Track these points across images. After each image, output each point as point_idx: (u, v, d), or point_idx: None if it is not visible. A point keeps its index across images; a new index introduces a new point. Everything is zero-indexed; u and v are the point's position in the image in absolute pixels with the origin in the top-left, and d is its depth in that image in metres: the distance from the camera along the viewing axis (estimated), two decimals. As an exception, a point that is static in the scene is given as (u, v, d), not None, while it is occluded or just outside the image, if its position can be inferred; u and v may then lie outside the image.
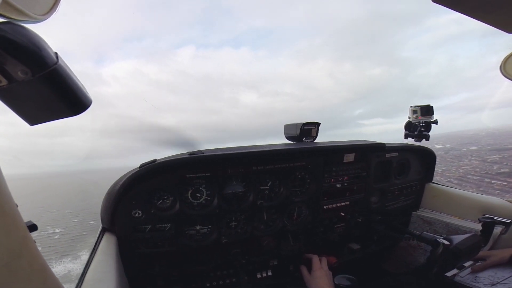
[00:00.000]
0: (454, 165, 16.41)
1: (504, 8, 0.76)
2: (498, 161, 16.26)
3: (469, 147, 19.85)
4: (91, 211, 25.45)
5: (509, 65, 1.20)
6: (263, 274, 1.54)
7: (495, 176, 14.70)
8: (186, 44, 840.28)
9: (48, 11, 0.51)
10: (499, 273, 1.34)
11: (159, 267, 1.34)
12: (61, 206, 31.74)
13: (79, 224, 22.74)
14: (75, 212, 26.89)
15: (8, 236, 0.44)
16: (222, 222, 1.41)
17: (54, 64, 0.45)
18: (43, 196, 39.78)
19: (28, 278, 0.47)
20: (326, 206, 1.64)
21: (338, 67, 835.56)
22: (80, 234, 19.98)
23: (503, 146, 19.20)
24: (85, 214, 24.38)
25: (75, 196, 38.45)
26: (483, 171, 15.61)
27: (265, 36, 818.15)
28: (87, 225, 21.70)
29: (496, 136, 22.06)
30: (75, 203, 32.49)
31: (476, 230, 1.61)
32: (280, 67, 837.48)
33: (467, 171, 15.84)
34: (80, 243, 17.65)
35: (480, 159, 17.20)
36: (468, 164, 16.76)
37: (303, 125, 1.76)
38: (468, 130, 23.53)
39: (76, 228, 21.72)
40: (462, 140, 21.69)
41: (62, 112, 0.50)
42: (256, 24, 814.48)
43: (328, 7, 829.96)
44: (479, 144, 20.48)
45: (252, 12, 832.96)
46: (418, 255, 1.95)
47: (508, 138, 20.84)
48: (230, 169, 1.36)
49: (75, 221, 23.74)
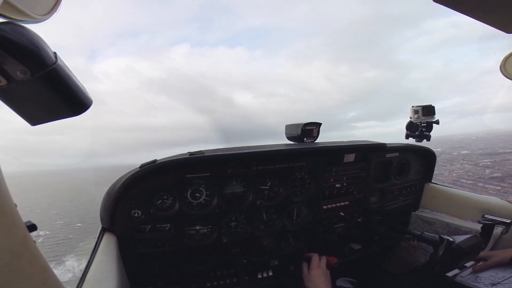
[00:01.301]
0: (446, 169, 16.41)
1: (504, 8, 0.76)
2: (490, 165, 16.27)
3: (460, 151, 19.89)
4: (79, 213, 24.62)
5: (509, 65, 1.20)
6: (264, 274, 1.54)
7: (489, 180, 14.69)
8: (181, 42, 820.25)
9: (48, 11, 0.51)
10: (500, 273, 1.34)
11: (159, 267, 1.34)
12: (48, 206, 30.59)
13: (65, 226, 22.01)
14: (61, 213, 25.98)
15: (8, 236, 0.44)
16: (222, 222, 1.40)
17: (53, 64, 0.45)
18: (29, 196, 38.12)
19: (28, 278, 0.47)
20: (326, 206, 1.64)
21: (334, 69, 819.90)
22: (65, 237, 19.17)
23: (494, 150, 19.22)
24: (72, 216, 23.68)
25: (63, 196, 37.54)
26: (476, 175, 15.63)
27: (262, 36, 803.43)
28: (74, 228, 21.05)
29: (486, 141, 22.17)
30: (62, 203, 31.58)
31: (476, 231, 1.61)
32: (276, 68, 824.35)
33: (460, 175, 15.85)
34: (65, 247, 16.60)
35: (472, 163, 17.23)
36: (460, 168, 16.80)
37: (304, 125, 1.75)
38: (458, 134, 23.54)
39: (62, 231, 21.00)
40: (452, 144, 21.70)
41: (62, 112, 0.50)
42: (254, 23, 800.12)
43: (328, 7, 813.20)
44: (470, 148, 20.57)
45: (250, 11, 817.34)
46: (418, 255, 1.95)
47: (499, 142, 20.83)
48: (230, 169, 1.36)
49: (60, 223, 22.96)
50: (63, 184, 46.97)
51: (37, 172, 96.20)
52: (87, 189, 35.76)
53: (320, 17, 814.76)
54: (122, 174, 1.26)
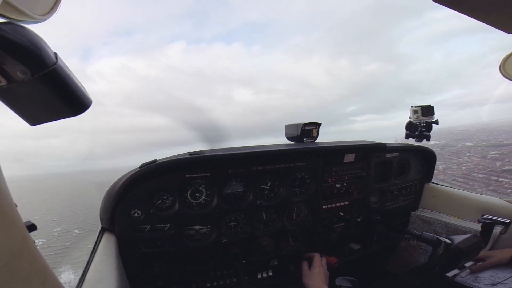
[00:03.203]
0: (453, 162, 16.07)
1: (504, 8, 0.76)
2: (499, 158, 15.73)
3: (464, 143, 19.45)
4: (77, 219, 23.37)
5: (508, 65, 1.20)
6: (264, 274, 1.54)
7: (502, 174, 14.09)
8: (177, 39, 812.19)
9: (48, 11, 0.51)
10: (500, 273, 1.34)
11: (158, 267, 1.34)
12: (45, 212, 28.90)
13: (62, 234, 20.57)
14: (59, 220, 24.41)
15: (8, 236, 0.44)
16: (222, 222, 1.41)
17: (53, 64, 0.45)
18: (26, 200, 36.48)
19: (28, 278, 0.47)
20: (326, 206, 1.64)
21: (335, 63, 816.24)
22: (63, 246, 17.86)
23: (498, 142, 18.77)
24: (70, 222, 22.42)
25: (61, 201, 36.15)
26: (486, 168, 15.02)
27: (260, 30, 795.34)
28: (72, 235, 19.67)
29: (487, 132, 21.68)
30: (59, 209, 30.15)
31: (475, 230, 1.61)
32: (276, 63, 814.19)
33: (470, 169, 15.31)
34: (65, 257, 15.08)
35: (480, 155, 16.68)
36: (468, 161, 16.28)
37: (303, 125, 1.76)
38: (458, 126, 23.14)
39: (59, 239, 19.56)
40: (454, 136, 21.10)
41: (62, 112, 0.50)
42: (251, 18, 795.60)
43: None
44: (473, 140, 20.09)
45: (247, 4, 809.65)
46: (418, 255, 1.95)
47: (501, 133, 20.44)
48: (230, 169, 1.36)
49: (58, 229, 21.63)
50: (60, 187, 45.81)
51: (35, 176, 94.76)
52: (85, 193, 34.82)
53: (321, 9, 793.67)
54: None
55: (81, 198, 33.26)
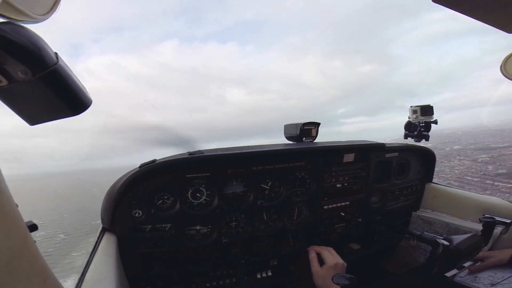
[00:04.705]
0: (445, 165, 16.14)
1: (504, 8, 0.76)
2: (490, 161, 15.80)
3: (452, 146, 19.46)
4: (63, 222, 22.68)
5: (509, 65, 1.20)
6: (263, 274, 1.54)
7: (496, 177, 14.17)
8: (169, 37, 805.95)
9: (48, 11, 0.51)
10: (499, 274, 1.34)
11: (159, 267, 1.34)
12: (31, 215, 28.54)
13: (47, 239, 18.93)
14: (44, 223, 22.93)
15: (9, 236, 0.44)
16: (222, 222, 1.41)
17: (54, 64, 0.45)
18: (23, 203, 36.63)
19: (28, 278, 0.47)
20: (327, 206, 1.64)
21: (328, 63, 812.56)
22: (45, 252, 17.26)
23: (485, 145, 18.85)
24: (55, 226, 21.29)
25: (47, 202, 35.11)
26: (479, 171, 15.13)
27: (255, 29, 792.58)
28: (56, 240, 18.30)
29: (473, 135, 21.82)
30: (50, 217, 28.23)
31: (476, 230, 1.61)
32: (270, 63, 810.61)
33: (463, 172, 15.40)
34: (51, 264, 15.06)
35: (470, 159, 16.73)
36: (460, 165, 16.29)
37: (303, 125, 1.76)
38: (445, 129, 23.14)
39: (42, 245, 18.79)
40: (442, 139, 21.16)
41: (62, 112, 0.50)
42: (246, 16, 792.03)
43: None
44: (461, 143, 20.17)
45: (242, 2, 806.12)
46: (418, 255, 1.95)
47: (486, 136, 20.49)
48: (230, 169, 1.36)
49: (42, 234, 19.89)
50: (51, 188, 44.79)
51: (26, 176, 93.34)
52: (78, 196, 33.68)
53: (316, 8, 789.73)
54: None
55: (68, 200, 32.19)
